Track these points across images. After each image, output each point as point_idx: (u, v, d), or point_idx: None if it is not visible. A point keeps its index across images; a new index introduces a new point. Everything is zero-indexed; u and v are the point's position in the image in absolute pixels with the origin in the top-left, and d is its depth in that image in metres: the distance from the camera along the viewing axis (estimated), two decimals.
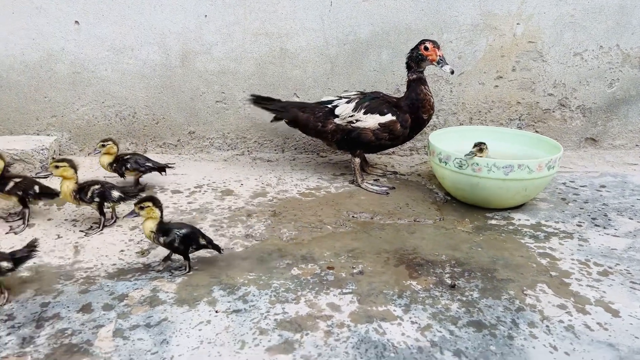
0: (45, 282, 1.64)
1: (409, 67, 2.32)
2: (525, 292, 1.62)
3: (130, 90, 2.62)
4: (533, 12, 2.68)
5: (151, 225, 1.69)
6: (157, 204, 1.70)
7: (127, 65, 2.57)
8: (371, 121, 2.33)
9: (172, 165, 2.40)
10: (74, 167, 1.95)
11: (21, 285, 1.62)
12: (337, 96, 2.46)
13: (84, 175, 2.45)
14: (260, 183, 2.45)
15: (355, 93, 2.45)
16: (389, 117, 2.32)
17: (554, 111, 2.88)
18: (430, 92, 2.32)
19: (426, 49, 2.24)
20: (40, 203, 2.12)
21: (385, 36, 2.65)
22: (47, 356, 1.33)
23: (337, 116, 2.37)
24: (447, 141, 2.42)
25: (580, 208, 2.24)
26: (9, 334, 1.40)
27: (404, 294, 1.60)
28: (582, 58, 2.79)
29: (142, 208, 1.69)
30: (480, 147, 2.11)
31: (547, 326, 1.46)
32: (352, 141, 2.38)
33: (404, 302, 1.56)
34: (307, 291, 1.61)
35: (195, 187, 2.37)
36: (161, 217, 1.70)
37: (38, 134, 2.63)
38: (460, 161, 2.09)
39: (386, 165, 2.72)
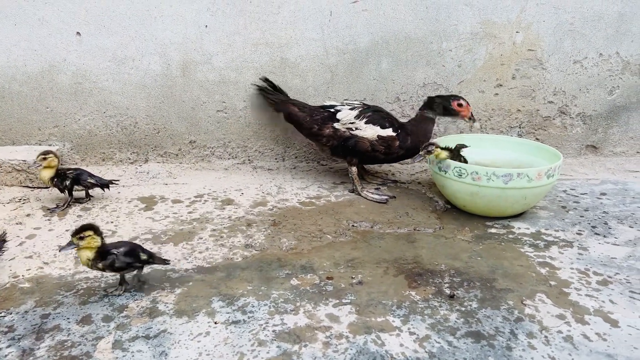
0: (46, 294, 1.64)
1: (430, 108, 2.40)
2: (524, 302, 1.62)
3: (131, 100, 2.63)
4: (532, 20, 2.69)
5: (89, 254, 1.57)
6: (97, 231, 1.58)
7: (128, 76, 2.59)
8: (370, 132, 2.35)
9: (116, 182, 2.35)
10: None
11: (22, 296, 1.63)
12: (341, 102, 2.49)
13: None
14: (261, 192, 2.46)
15: (359, 103, 2.47)
16: (389, 132, 2.35)
17: (554, 119, 2.88)
18: (432, 129, 2.45)
19: (460, 105, 2.35)
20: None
21: (385, 45, 2.67)
22: None
23: (338, 120, 2.40)
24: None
25: (581, 216, 2.23)
26: (9, 346, 1.41)
27: (403, 304, 1.60)
28: (582, 66, 2.80)
29: (82, 238, 1.55)
30: (427, 149, 2.12)
31: (545, 337, 1.46)
32: (347, 148, 2.39)
33: (403, 312, 1.56)
34: (306, 302, 1.61)
35: (195, 197, 2.38)
36: (102, 242, 1.59)
37: (40, 144, 2.64)
38: (460, 170, 2.10)
39: (386, 174, 2.72)
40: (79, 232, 1.55)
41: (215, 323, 1.50)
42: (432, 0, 2.60)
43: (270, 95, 2.58)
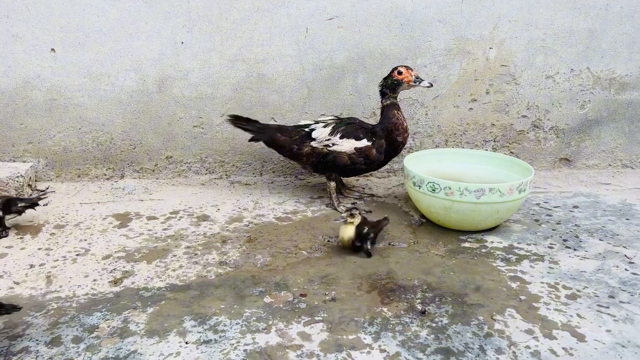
0: (15, 315, 1.62)
1: (382, 94, 2.38)
2: (494, 317, 1.64)
3: (107, 116, 2.63)
4: (505, 36, 2.74)
5: None
6: None
7: (103, 92, 2.59)
8: (347, 145, 2.36)
9: (43, 198, 2.31)
10: None
11: None
12: (314, 120, 2.49)
13: (59, 202, 2.45)
14: (237, 207, 2.46)
15: (332, 118, 2.49)
16: (364, 142, 2.36)
17: (528, 132, 2.93)
18: (403, 117, 2.37)
19: (400, 73, 2.31)
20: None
21: (361, 61, 2.70)
22: None
23: (314, 139, 2.40)
24: (422, 164, 2.46)
25: (553, 229, 2.27)
26: None
27: (375, 321, 1.61)
28: (554, 81, 2.85)
29: None
30: (351, 212, 2.01)
31: (513, 352, 1.47)
32: (327, 164, 2.40)
33: (375, 329, 1.57)
34: (278, 320, 1.61)
35: (171, 213, 2.37)
36: None
37: (14, 161, 2.62)
38: (434, 184, 2.12)
39: (363, 188, 2.74)
40: None
41: (187, 343, 1.50)
42: (407, 17, 2.64)
43: (245, 124, 2.50)
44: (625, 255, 2.03)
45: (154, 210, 2.39)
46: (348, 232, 2.00)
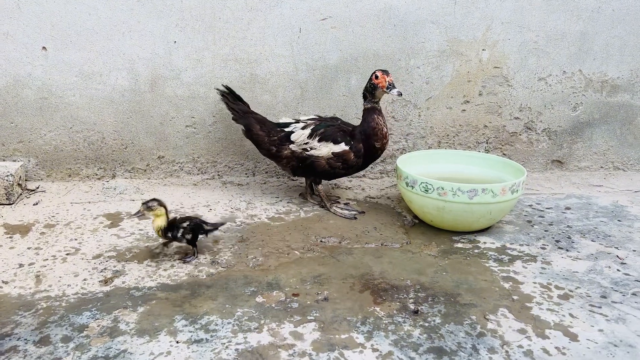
0: (4, 314, 1.60)
1: (364, 97, 2.34)
2: (486, 316, 1.63)
3: (98, 115, 2.61)
4: (498, 38, 2.75)
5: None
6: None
7: (95, 91, 2.57)
8: (325, 150, 2.33)
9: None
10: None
11: None
12: (295, 119, 2.45)
13: (50, 201, 2.43)
14: (230, 208, 2.45)
15: (312, 118, 2.44)
16: (342, 147, 2.32)
17: (520, 134, 2.94)
18: (383, 122, 2.32)
19: (376, 77, 2.26)
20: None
21: (354, 62, 2.70)
22: None
23: (293, 142, 2.37)
24: (415, 165, 2.46)
25: (545, 230, 2.27)
26: None
27: (367, 320, 1.61)
28: (547, 83, 2.86)
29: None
30: (148, 204, 1.93)
31: (506, 351, 1.47)
32: (306, 168, 2.38)
33: (367, 329, 1.56)
34: (270, 319, 1.60)
35: None
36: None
37: (4, 160, 2.59)
38: (426, 185, 2.12)
39: (338, 196, 2.73)
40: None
41: (177, 342, 1.48)
42: (400, 19, 2.65)
43: (232, 103, 2.49)
44: (617, 256, 2.04)
45: None
46: (158, 222, 1.93)
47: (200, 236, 1.98)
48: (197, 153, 2.75)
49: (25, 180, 2.61)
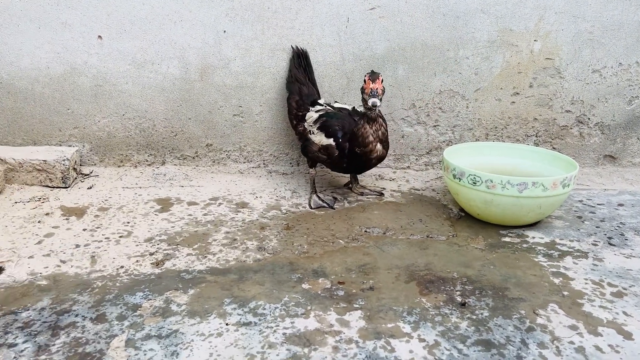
0: (62, 291, 1.68)
1: (363, 101, 2.23)
2: (536, 311, 1.61)
3: (150, 103, 2.68)
4: (551, 29, 2.67)
5: None
6: None
7: (147, 79, 2.64)
8: (318, 138, 2.36)
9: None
10: None
11: (39, 293, 1.66)
12: (327, 103, 2.50)
13: (103, 186, 2.52)
14: (275, 196, 2.48)
15: (343, 107, 2.42)
16: (330, 141, 2.30)
17: (571, 128, 2.86)
18: (370, 130, 2.19)
19: (364, 81, 2.16)
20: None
21: (402, 52, 2.67)
22: None
23: (306, 121, 2.45)
24: (461, 157, 2.42)
25: (597, 227, 2.21)
26: (25, 341, 1.44)
27: (414, 311, 1.60)
28: (601, 75, 2.77)
29: None
30: None
31: (557, 347, 1.44)
32: (304, 149, 2.44)
33: (413, 319, 1.56)
34: (316, 306, 1.62)
35: (210, 199, 2.41)
36: None
37: (60, 145, 2.70)
38: (475, 177, 2.09)
39: (379, 181, 2.72)
40: None
41: (227, 324, 1.52)
42: (450, 8, 2.61)
43: (293, 67, 2.58)
44: None
45: (194, 196, 2.43)
46: None
47: None
48: (243, 142, 2.79)
49: (80, 165, 2.70)
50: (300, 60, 2.59)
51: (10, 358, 1.38)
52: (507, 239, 2.09)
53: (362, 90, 2.19)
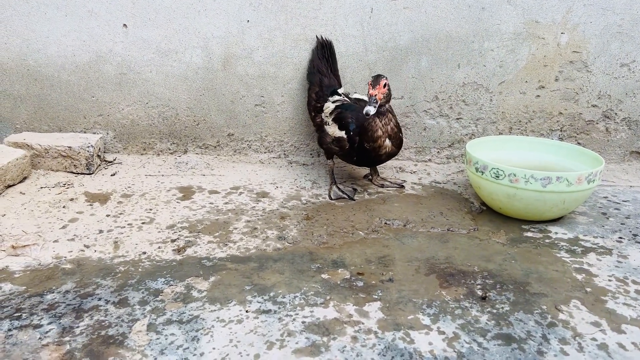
0: (86, 275, 1.71)
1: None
2: (558, 307, 1.59)
3: (173, 92, 2.70)
4: (579, 21, 2.62)
5: None
6: None
7: (171, 68, 2.65)
8: (331, 130, 2.36)
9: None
10: None
11: (63, 276, 1.69)
12: (345, 93, 2.49)
13: (126, 173, 2.55)
14: (295, 186, 2.48)
15: (359, 98, 2.42)
16: (342, 133, 2.30)
17: (597, 123, 2.80)
18: (380, 124, 2.19)
19: (368, 84, 2.15)
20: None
21: (425, 43, 2.65)
22: (85, 346, 1.39)
23: (323, 112, 2.46)
24: (484, 150, 2.40)
25: (621, 223, 2.17)
26: (50, 323, 1.47)
27: (433, 303, 1.60)
28: (630, 69, 2.71)
29: None
30: None
31: (579, 343, 1.43)
32: (319, 140, 2.45)
33: (433, 311, 1.56)
34: (335, 295, 1.62)
35: (231, 188, 2.42)
36: None
37: (85, 132, 2.74)
38: (498, 171, 2.07)
39: (406, 172, 2.70)
40: None
41: (247, 312, 1.53)
42: None
43: (316, 58, 2.58)
44: None
45: (216, 185, 2.45)
46: None
47: None
48: (265, 132, 2.80)
49: (104, 152, 2.74)
50: (324, 51, 2.58)
51: (36, 339, 1.41)
52: (529, 234, 2.07)
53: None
